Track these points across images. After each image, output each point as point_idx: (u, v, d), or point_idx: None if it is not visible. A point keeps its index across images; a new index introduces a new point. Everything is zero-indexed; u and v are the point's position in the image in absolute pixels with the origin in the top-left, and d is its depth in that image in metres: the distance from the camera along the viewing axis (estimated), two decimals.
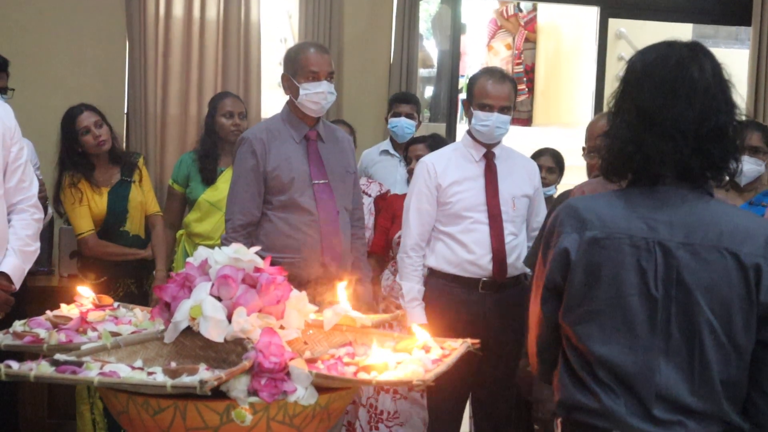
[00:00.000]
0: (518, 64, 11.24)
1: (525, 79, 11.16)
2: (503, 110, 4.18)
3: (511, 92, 4.22)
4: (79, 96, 5.11)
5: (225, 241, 3.87)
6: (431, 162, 4.32)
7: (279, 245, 4.01)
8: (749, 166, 4.35)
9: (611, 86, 8.99)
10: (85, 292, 3.05)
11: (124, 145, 6.07)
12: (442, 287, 4.26)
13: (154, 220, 5.05)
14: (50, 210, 5.07)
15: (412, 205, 4.30)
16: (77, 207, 4.75)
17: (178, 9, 6.15)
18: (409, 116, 5.76)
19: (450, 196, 4.23)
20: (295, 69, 4.13)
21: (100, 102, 4.92)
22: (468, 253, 4.20)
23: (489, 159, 4.29)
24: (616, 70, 10.65)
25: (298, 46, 4.44)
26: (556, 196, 4.84)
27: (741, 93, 6.61)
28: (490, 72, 4.31)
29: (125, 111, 6.22)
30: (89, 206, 4.81)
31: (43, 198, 4.48)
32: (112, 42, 6.21)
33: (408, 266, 4.30)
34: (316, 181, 4.13)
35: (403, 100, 5.90)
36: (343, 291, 2.78)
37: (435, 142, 5.07)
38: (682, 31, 11.40)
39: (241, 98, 5.70)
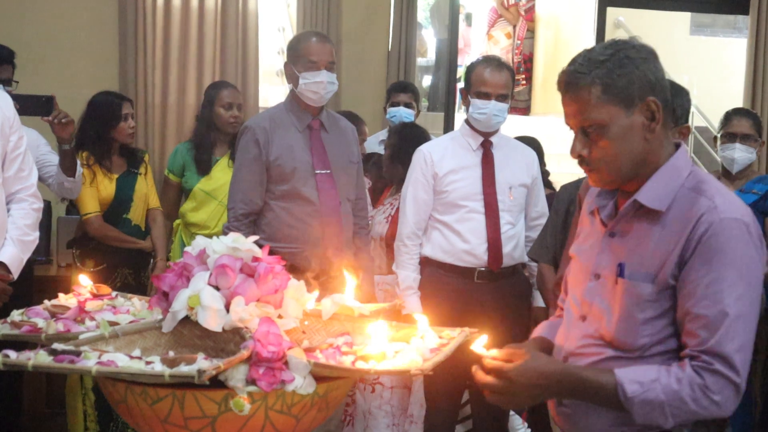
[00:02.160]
0: (518, 53, 11.25)
1: (524, 68, 11.17)
2: (500, 98, 4.16)
3: (508, 80, 4.20)
4: (75, 85, 5.12)
5: (227, 230, 3.87)
6: (428, 151, 4.31)
7: (281, 235, 4.01)
8: (741, 154, 4.36)
9: None
10: (84, 281, 3.05)
11: None
12: (437, 276, 4.25)
13: (155, 214, 5.11)
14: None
15: (409, 194, 4.29)
16: (86, 187, 4.79)
17: None
18: (407, 105, 5.76)
19: (446, 184, 4.22)
20: (296, 58, 4.11)
21: (96, 91, 4.91)
22: (463, 242, 4.20)
23: (486, 148, 4.27)
24: None
25: (300, 36, 4.42)
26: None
27: (739, 82, 6.62)
28: (487, 60, 4.30)
29: None
30: (98, 189, 4.87)
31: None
32: (108, 31, 6.19)
33: (404, 254, 4.29)
34: (319, 171, 4.11)
35: (401, 89, 5.90)
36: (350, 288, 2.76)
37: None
38: (680, 20, 11.42)
39: (239, 87, 5.70)
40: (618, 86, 2.12)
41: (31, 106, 4.39)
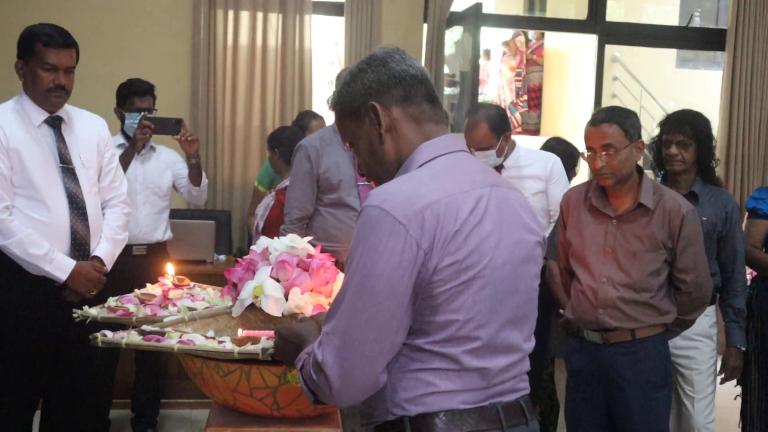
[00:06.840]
0: (521, 82, 11.39)
1: (531, 96, 11.27)
2: (481, 149, 3.97)
3: (484, 135, 3.94)
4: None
5: (283, 232, 3.89)
6: None
7: (328, 236, 4.01)
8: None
9: (607, 101, 8.95)
10: (170, 269, 3.10)
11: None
12: None
13: None
14: None
15: None
16: None
17: (243, 38, 6.20)
18: None
19: None
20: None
21: (171, 115, 4.81)
22: None
23: (497, 170, 4.13)
24: (611, 89, 10.64)
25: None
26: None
27: (718, 110, 6.43)
28: (468, 114, 4.11)
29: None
30: None
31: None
32: (181, 66, 6.21)
33: None
34: (360, 183, 4.12)
35: None
36: None
37: None
38: (668, 56, 11.34)
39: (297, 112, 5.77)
40: (345, 101, 1.86)
41: (163, 127, 4.40)
